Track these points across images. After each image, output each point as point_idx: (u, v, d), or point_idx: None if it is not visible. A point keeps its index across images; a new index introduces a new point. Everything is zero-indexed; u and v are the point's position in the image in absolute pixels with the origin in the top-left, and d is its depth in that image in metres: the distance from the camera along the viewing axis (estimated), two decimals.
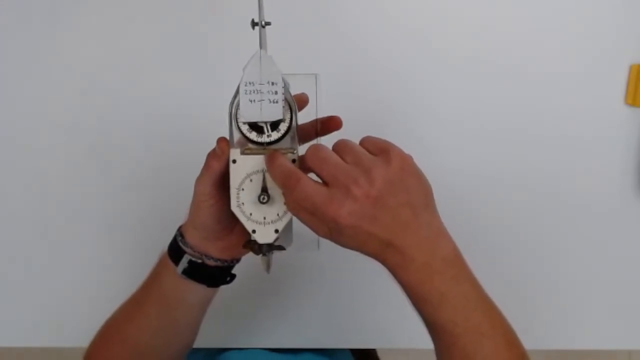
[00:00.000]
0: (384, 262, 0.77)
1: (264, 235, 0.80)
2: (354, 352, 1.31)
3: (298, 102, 0.86)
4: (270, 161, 0.78)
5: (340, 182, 0.73)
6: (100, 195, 1.20)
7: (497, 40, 1.16)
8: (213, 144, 0.81)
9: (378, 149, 0.77)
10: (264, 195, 0.78)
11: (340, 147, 0.77)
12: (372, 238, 0.74)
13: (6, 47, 1.18)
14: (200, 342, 1.02)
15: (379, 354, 1.51)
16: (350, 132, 0.82)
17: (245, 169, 0.79)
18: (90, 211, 1.20)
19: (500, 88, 1.16)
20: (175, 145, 1.17)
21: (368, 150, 0.77)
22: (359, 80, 1.17)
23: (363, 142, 0.78)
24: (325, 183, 0.75)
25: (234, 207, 0.79)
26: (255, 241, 0.80)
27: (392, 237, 0.74)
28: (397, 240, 0.74)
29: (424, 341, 0.80)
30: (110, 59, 1.18)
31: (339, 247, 0.78)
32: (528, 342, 1.19)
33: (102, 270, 1.21)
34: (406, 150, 0.78)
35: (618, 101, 1.16)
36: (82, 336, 0.99)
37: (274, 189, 0.79)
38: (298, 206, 0.76)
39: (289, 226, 0.82)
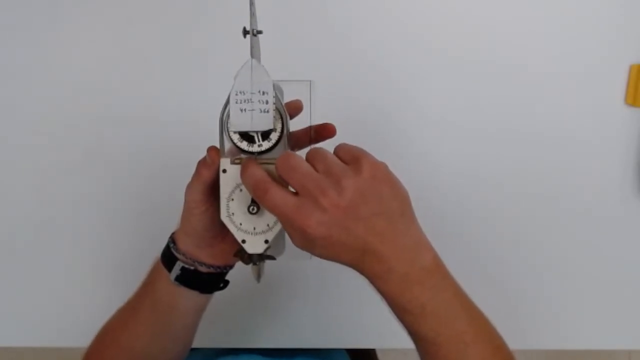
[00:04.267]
0: (362, 272, 0.76)
1: (253, 246, 0.80)
2: (354, 352, 1.31)
3: (292, 109, 0.86)
4: (242, 170, 0.77)
5: (309, 191, 0.72)
6: (99, 195, 1.20)
7: (497, 40, 1.15)
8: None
9: (350, 157, 0.76)
10: (254, 205, 0.78)
11: (312, 156, 0.76)
12: (346, 248, 0.74)
13: (6, 47, 1.18)
14: (197, 342, 1.02)
15: (378, 354, 1.51)
16: (345, 139, 0.82)
17: (235, 179, 0.78)
18: (89, 211, 1.20)
19: (500, 88, 1.16)
20: (173, 149, 1.17)
21: (341, 159, 0.76)
22: (353, 87, 1.16)
23: (337, 151, 0.78)
24: (295, 192, 0.74)
25: (223, 217, 0.79)
26: (244, 251, 0.80)
27: (367, 246, 0.73)
28: (372, 249, 0.73)
29: None
30: (109, 61, 1.18)
31: None
32: (528, 342, 1.20)
33: (102, 270, 1.21)
34: (404, 156, 0.78)
35: (618, 101, 1.16)
36: (82, 336, 1.00)
37: None
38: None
39: (280, 235, 0.82)
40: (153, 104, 1.18)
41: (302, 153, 0.83)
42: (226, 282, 0.94)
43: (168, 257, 0.89)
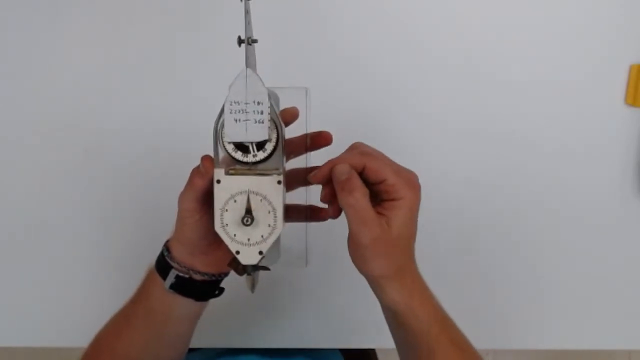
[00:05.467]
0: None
1: (247, 257, 0.79)
2: (353, 352, 1.31)
3: (288, 116, 0.86)
4: (347, 191, 0.79)
5: None
6: (99, 196, 1.20)
7: (496, 41, 1.15)
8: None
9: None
10: (248, 217, 0.77)
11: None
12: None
13: (6, 46, 1.18)
14: (196, 342, 1.02)
15: (378, 354, 1.51)
16: (342, 146, 0.82)
17: (230, 190, 0.78)
18: (89, 212, 1.20)
19: (499, 89, 1.15)
20: (173, 152, 1.16)
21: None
22: (350, 94, 1.16)
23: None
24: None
25: (217, 228, 0.79)
26: (238, 262, 0.80)
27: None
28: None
29: None
30: (107, 65, 1.17)
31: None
32: (528, 343, 1.20)
33: (101, 270, 1.21)
34: (402, 162, 0.79)
35: (618, 101, 1.15)
36: (82, 336, 1.00)
37: (258, 211, 0.78)
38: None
39: (276, 243, 0.82)
40: (151, 109, 1.18)
41: (299, 161, 0.84)
42: (221, 290, 0.93)
43: (162, 265, 0.89)
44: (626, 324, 1.22)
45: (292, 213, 0.88)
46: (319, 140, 0.87)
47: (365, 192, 0.78)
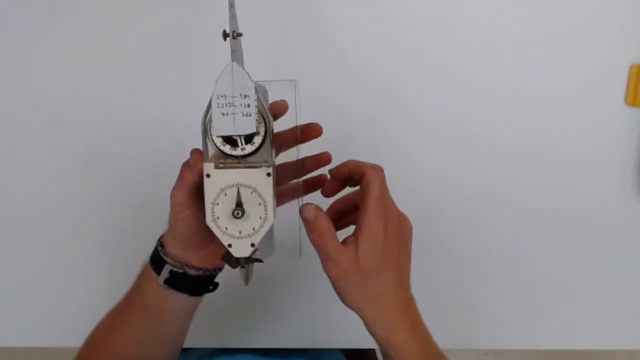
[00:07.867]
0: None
1: (240, 249, 0.80)
2: (353, 352, 1.31)
3: (277, 109, 0.86)
4: (311, 220, 0.83)
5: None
6: (98, 196, 1.20)
7: (495, 40, 1.15)
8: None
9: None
10: (238, 210, 0.77)
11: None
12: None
13: (5, 47, 1.19)
14: (192, 342, 1.02)
15: (378, 354, 1.51)
16: (332, 139, 0.82)
17: (220, 184, 0.78)
18: (88, 212, 1.21)
19: (498, 89, 1.15)
20: (172, 150, 1.15)
21: None
22: (339, 86, 1.16)
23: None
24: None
25: (209, 222, 0.79)
26: (231, 255, 0.80)
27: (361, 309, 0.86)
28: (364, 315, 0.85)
29: None
30: (102, 64, 1.18)
31: None
32: (528, 342, 1.19)
33: (101, 270, 1.22)
34: (391, 155, 0.79)
35: (618, 101, 1.15)
36: (82, 336, 1.01)
37: (249, 204, 0.78)
38: None
39: (269, 236, 0.82)
40: (150, 108, 1.19)
41: (290, 153, 0.84)
42: (215, 285, 0.93)
43: (156, 260, 0.89)
44: (626, 324, 1.21)
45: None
46: (308, 132, 0.88)
47: (331, 232, 0.82)
